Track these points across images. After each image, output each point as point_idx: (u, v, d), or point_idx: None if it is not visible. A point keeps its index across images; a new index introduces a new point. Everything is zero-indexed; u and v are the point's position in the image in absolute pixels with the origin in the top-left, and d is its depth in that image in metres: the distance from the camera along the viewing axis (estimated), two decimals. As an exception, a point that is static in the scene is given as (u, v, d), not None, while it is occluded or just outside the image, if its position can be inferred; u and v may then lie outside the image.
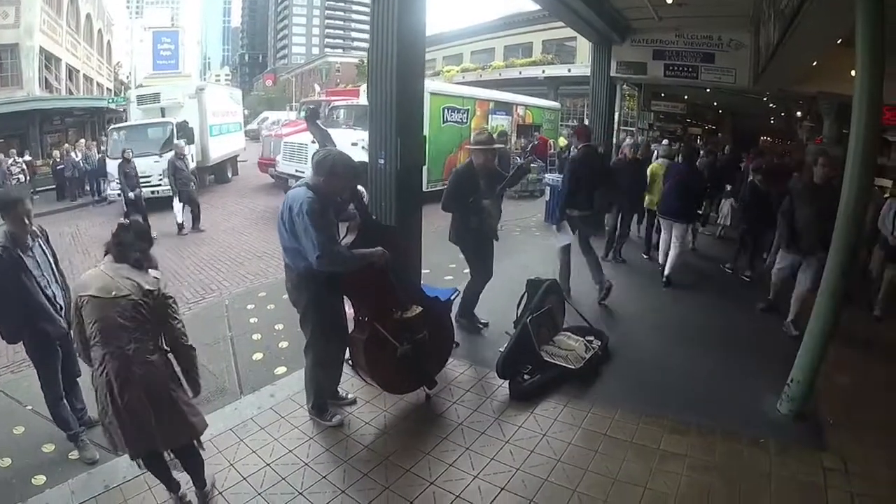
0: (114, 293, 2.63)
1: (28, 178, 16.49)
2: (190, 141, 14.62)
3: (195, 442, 2.95)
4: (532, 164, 6.59)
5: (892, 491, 3.19)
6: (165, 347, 2.85)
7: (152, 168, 13.59)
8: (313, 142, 4.01)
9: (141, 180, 12.52)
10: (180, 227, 11.27)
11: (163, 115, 15.66)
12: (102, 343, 2.62)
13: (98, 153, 17.12)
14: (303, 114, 20.01)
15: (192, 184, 11.70)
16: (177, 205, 11.34)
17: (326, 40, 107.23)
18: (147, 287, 2.71)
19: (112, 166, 13.34)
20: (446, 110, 13.87)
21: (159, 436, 2.75)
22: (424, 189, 5.73)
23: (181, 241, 10.73)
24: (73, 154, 17.04)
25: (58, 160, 17.03)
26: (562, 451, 3.59)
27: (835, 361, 4.25)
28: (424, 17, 5.06)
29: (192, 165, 14.44)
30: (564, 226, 6.34)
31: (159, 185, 13.45)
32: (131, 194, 11.53)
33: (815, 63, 9.92)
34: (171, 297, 2.86)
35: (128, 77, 35.16)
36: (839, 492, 3.18)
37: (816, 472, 3.36)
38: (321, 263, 3.31)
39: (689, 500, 3.12)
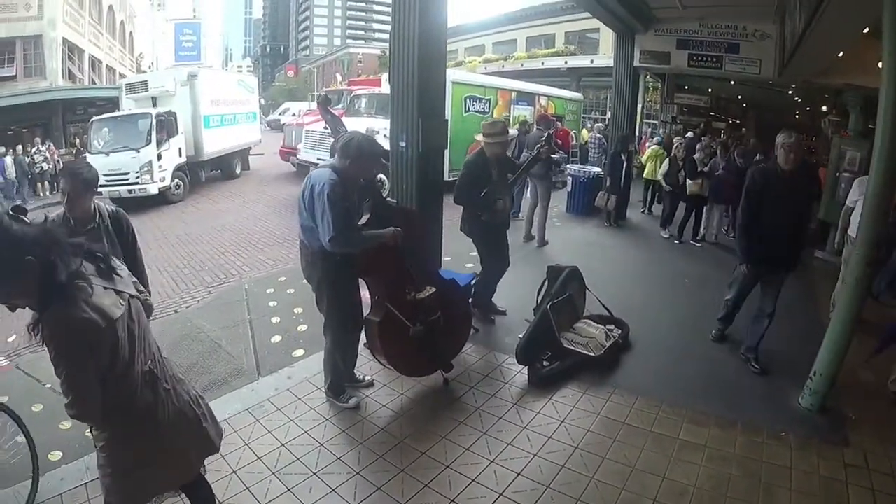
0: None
1: (52, 166, 16.72)
2: (173, 133, 13.67)
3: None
4: (553, 156, 6.54)
5: (914, 491, 3.11)
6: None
7: (129, 164, 12.58)
8: (330, 135, 3.99)
9: (117, 178, 12.26)
10: None
11: (154, 105, 14.40)
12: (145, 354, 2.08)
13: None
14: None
15: None
16: None
17: (348, 31, 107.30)
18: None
19: (92, 162, 12.64)
20: (468, 100, 13.79)
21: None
22: (445, 178, 5.66)
23: (201, 227, 10.82)
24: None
25: (81, 149, 17.13)
26: (580, 438, 3.55)
27: (857, 356, 4.14)
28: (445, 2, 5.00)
29: (182, 160, 14.01)
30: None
31: (137, 182, 12.58)
32: None
33: (840, 54, 9.68)
34: None
35: (150, 67, 35.43)
36: (861, 489, 3.12)
37: (838, 468, 3.29)
38: (334, 245, 3.32)
39: (709, 492, 3.07)
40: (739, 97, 22.43)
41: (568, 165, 11.97)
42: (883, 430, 3.70)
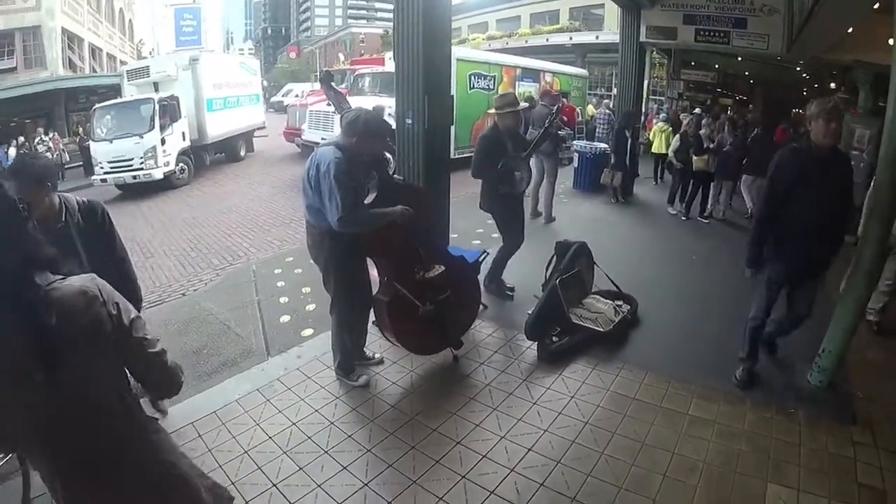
0: None
1: (56, 155, 16.70)
2: (175, 118, 13.70)
3: None
4: (560, 132, 6.53)
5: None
6: None
7: (132, 150, 12.62)
8: (334, 112, 3.96)
9: (121, 165, 12.25)
10: None
11: (156, 91, 14.32)
12: None
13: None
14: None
15: None
16: None
17: (350, 11, 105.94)
18: None
19: (95, 149, 12.85)
20: (473, 76, 13.72)
21: None
22: (451, 156, 5.63)
23: (207, 210, 10.82)
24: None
25: (83, 137, 17.11)
26: (590, 413, 3.56)
27: (865, 334, 4.12)
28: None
29: (186, 144, 14.01)
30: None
31: (141, 168, 12.58)
32: None
33: (850, 30, 9.56)
34: None
35: (151, 53, 35.25)
36: (869, 467, 3.11)
37: (846, 445, 3.28)
38: (342, 225, 3.30)
39: (718, 468, 3.07)
40: (746, 73, 22.15)
41: (574, 142, 11.90)
42: (891, 409, 3.68)
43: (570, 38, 25.56)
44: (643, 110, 13.07)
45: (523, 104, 6.59)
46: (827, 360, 3.87)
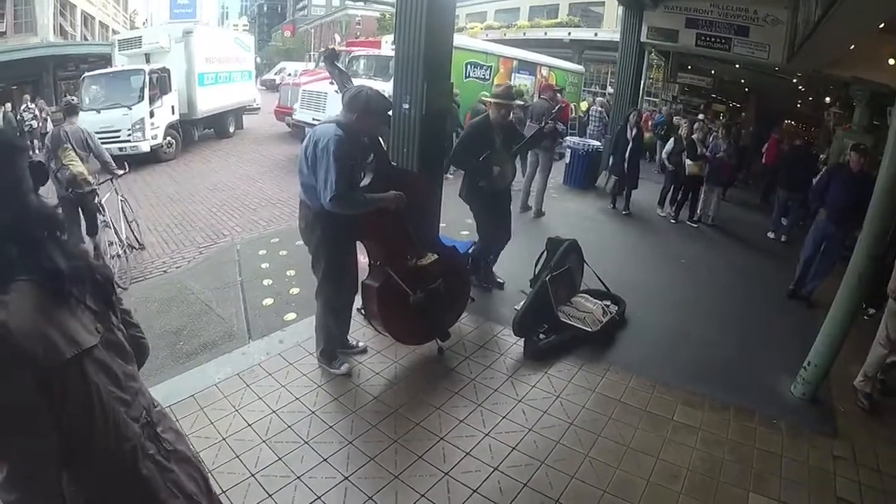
0: None
1: (41, 124, 16.32)
2: (166, 90, 13.36)
3: None
4: (558, 127, 6.49)
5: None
6: None
7: (120, 122, 12.30)
8: (337, 91, 3.86)
9: (108, 136, 11.75)
10: None
11: (147, 62, 13.91)
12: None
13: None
14: (322, 63, 19.61)
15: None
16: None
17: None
18: None
19: (82, 119, 12.40)
20: (469, 66, 13.55)
21: None
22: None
23: (192, 187, 10.63)
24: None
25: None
26: (575, 414, 3.53)
27: (852, 350, 4.13)
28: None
29: (175, 117, 13.80)
30: None
31: (128, 140, 12.26)
32: None
33: (852, 47, 9.57)
34: None
35: (144, 24, 34.65)
36: (847, 481, 3.14)
37: (826, 459, 3.32)
38: (334, 205, 3.22)
39: (701, 475, 3.07)
40: (742, 81, 22.23)
41: (567, 138, 11.84)
42: (871, 425, 3.74)
43: (569, 34, 25.47)
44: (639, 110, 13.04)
45: (518, 102, 6.52)
46: (812, 374, 3.90)
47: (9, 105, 16.55)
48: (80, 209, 6.01)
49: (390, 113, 4.67)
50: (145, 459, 1.31)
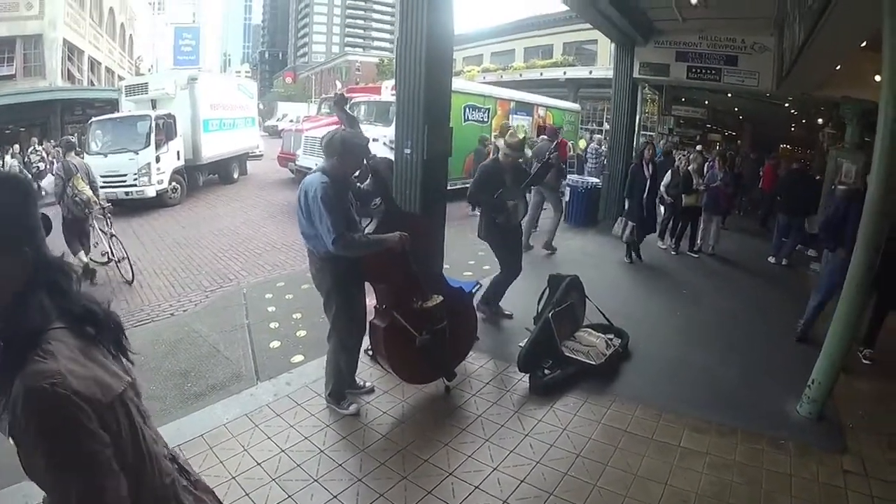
0: None
1: (48, 166, 16.62)
2: (171, 136, 13.51)
3: None
4: (562, 164, 6.69)
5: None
6: None
7: (127, 166, 12.48)
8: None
9: (114, 180, 12.10)
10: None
11: (154, 108, 14.11)
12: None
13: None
14: (324, 110, 19.89)
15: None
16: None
17: (347, 39, 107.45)
18: None
19: (88, 163, 12.44)
20: (467, 108, 13.84)
21: None
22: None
23: (198, 231, 10.77)
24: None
25: (79, 149, 17.03)
26: (582, 445, 3.55)
27: (854, 364, 4.18)
28: (452, 6, 5.00)
29: (180, 163, 13.94)
30: None
31: (135, 184, 12.47)
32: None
33: (838, 67, 9.78)
34: None
35: (149, 70, 35.49)
36: (860, 495, 3.14)
37: (837, 475, 3.32)
38: (338, 247, 3.32)
39: (710, 499, 3.07)
40: (736, 109, 22.53)
41: (567, 177, 12.01)
42: (880, 438, 3.74)
43: (564, 73, 26.04)
44: (634, 144, 13.22)
45: (528, 153, 6.86)
46: (816, 392, 3.93)
47: (16, 146, 16.88)
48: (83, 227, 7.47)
49: (393, 158, 4.86)
50: (183, 491, 1.35)
